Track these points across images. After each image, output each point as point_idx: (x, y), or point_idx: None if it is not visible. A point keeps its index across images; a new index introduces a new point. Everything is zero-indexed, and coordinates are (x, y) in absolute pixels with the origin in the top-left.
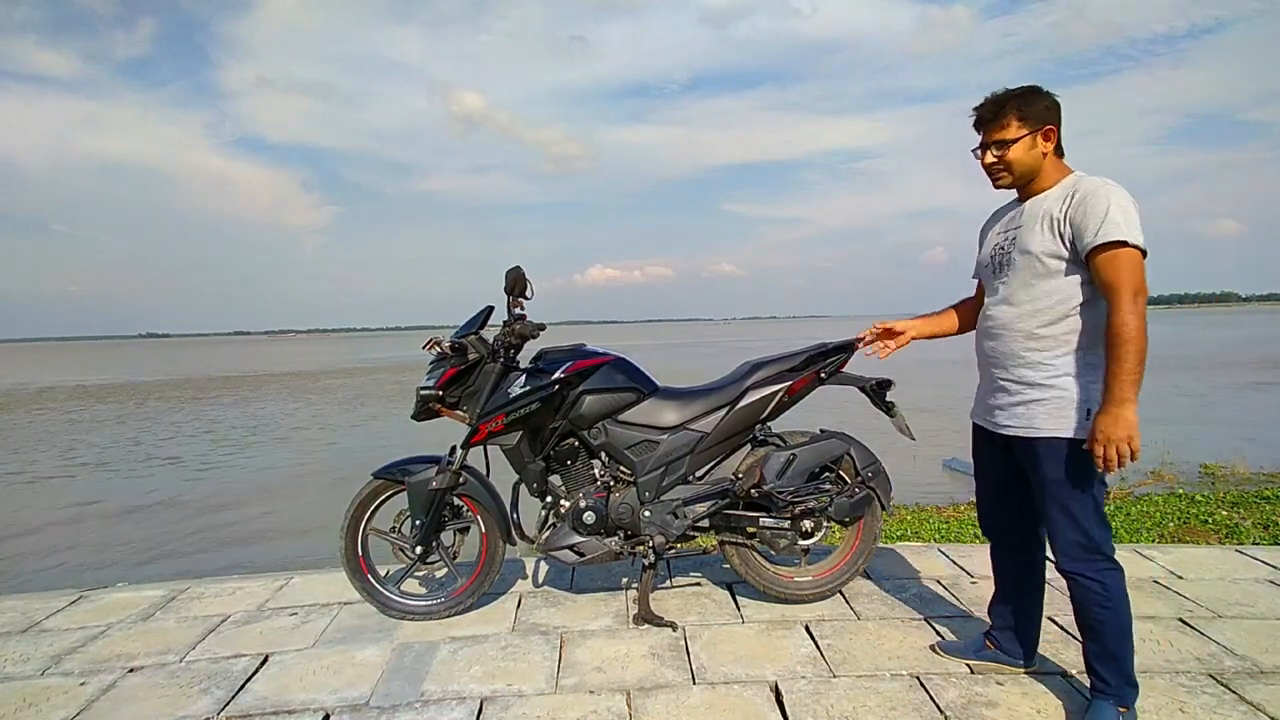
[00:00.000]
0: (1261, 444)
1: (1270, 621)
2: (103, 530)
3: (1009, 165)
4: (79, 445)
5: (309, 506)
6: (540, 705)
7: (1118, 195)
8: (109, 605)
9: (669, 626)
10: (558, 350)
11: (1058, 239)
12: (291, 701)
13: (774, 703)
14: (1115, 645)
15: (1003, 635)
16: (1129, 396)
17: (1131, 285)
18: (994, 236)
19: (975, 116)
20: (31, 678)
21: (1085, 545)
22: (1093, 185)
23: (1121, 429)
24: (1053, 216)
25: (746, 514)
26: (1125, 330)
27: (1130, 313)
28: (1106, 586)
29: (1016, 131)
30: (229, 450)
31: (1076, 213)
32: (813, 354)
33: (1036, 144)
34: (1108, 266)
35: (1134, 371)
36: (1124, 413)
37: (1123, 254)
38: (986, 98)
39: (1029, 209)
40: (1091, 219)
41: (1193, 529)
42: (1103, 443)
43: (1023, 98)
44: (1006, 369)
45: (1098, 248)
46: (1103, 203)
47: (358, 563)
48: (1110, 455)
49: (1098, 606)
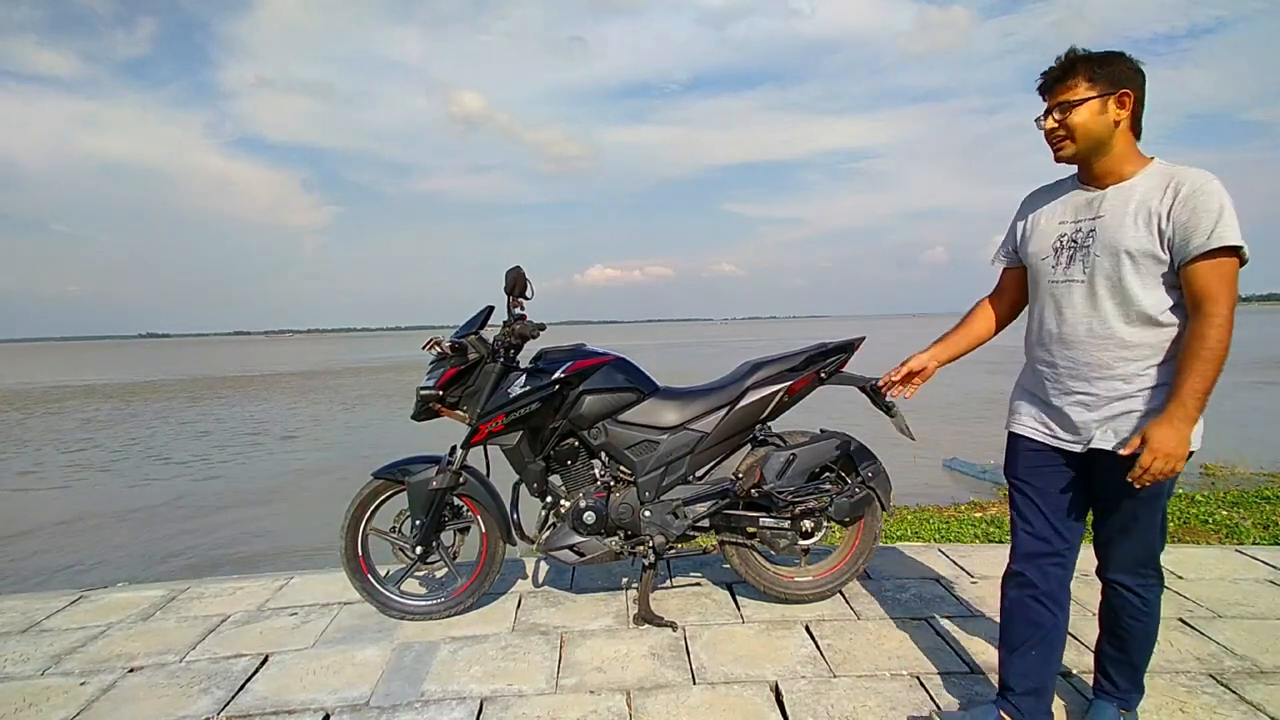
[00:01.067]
0: (1261, 444)
1: (1270, 621)
2: (103, 530)
3: (1072, 130)
4: (84, 444)
5: (310, 506)
6: (540, 705)
7: (1225, 195)
8: (109, 605)
9: (669, 626)
10: (558, 350)
11: (1156, 238)
12: (291, 701)
13: (774, 703)
14: (1137, 655)
15: (1024, 701)
16: (1196, 415)
17: (1231, 299)
18: (1053, 223)
19: (1041, 80)
20: (31, 678)
21: (1142, 559)
22: (1200, 180)
23: (1181, 446)
24: (1151, 210)
25: (746, 514)
26: (1218, 346)
27: (1225, 328)
28: (1147, 601)
29: (1085, 92)
30: (230, 450)
31: (1183, 210)
32: (813, 354)
33: (1108, 109)
34: (1213, 274)
35: (1210, 389)
36: (1187, 431)
37: (1230, 263)
38: (1057, 58)
39: (1113, 196)
40: (1204, 219)
41: (1193, 529)
42: (1155, 453)
43: (1096, 57)
44: (1089, 381)
45: (1208, 253)
46: (1216, 202)
47: (358, 563)
48: (1157, 470)
49: (1131, 618)
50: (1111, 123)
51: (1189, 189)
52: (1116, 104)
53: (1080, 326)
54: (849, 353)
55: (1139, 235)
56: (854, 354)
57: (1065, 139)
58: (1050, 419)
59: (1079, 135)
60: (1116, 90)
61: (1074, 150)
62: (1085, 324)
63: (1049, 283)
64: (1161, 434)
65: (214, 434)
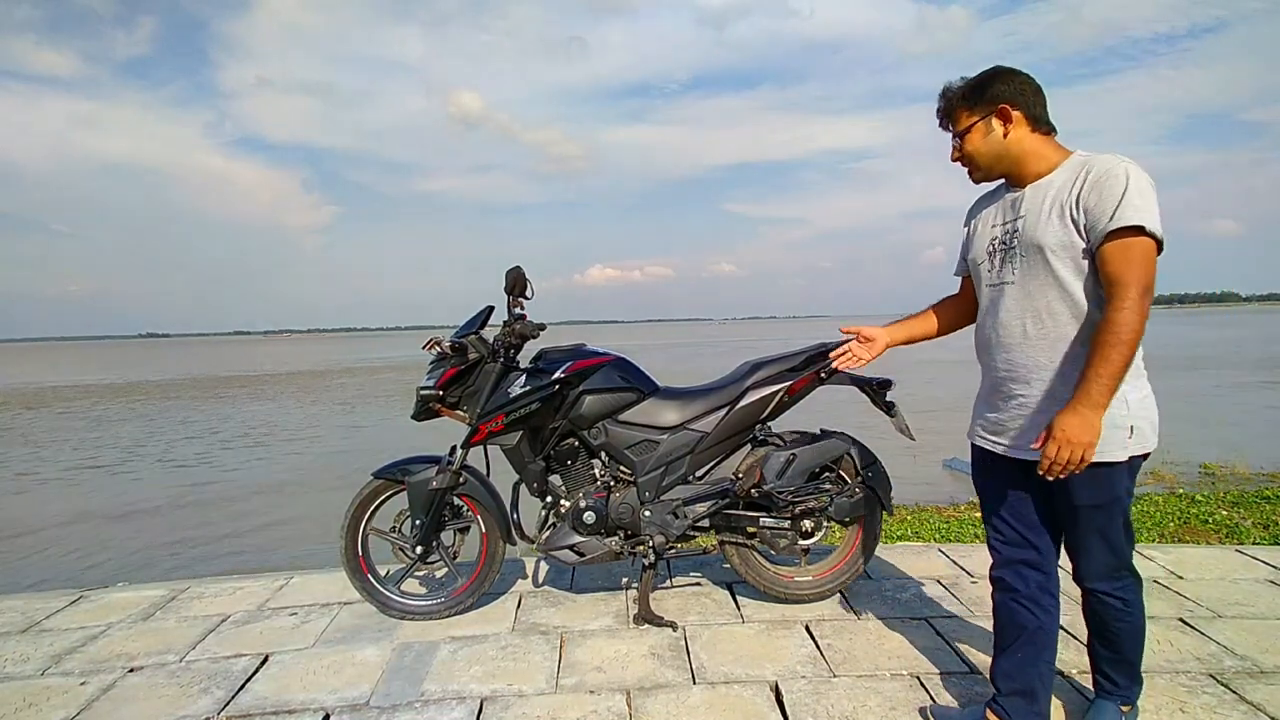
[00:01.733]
0: (1261, 444)
1: (1270, 621)
2: (104, 529)
3: (971, 157)
4: (87, 444)
5: (310, 506)
6: (540, 705)
7: (1136, 174)
8: (109, 605)
9: (669, 626)
10: (558, 350)
11: (1070, 227)
12: (291, 701)
13: (774, 702)
14: (1131, 652)
15: (1012, 702)
16: (1103, 402)
17: (1141, 280)
18: (987, 228)
19: (937, 119)
20: (31, 678)
21: (1112, 565)
22: (1108, 163)
23: (1087, 434)
24: (1063, 202)
25: (746, 514)
26: (1123, 330)
27: (1134, 311)
28: (1128, 603)
29: (967, 120)
30: (231, 449)
31: (1091, 194)
32: (813, 354)
33: (991, 128)
34: (1118, 255)
35: (1118, 377)
36: (1094, 419)
37: (1137, 243)
38: (939, 97)
39: (1030, 196)
40: (1108, 200)
41: (1193, 529)
42: (1061, 443)
43: (967, 87)
44: (1028, 383)
45: (1112, 233)
46: (1120, 182)
47: (358, 563)
48: (1063, 459)
49: (1117, 620)
50: (999, 138)
51: (1095, 173)
52: (999, 120)
53: (1015, 328)
54: None
55: (1054, 228)
56: None
57: (969, 166)
58: (999, 427)
59: (977, 159)
60: (993, 108)
61: (981, 173)
62: (1019, 325)
63: (987, 287)
64: (1064, 421)
65: (217, 433)
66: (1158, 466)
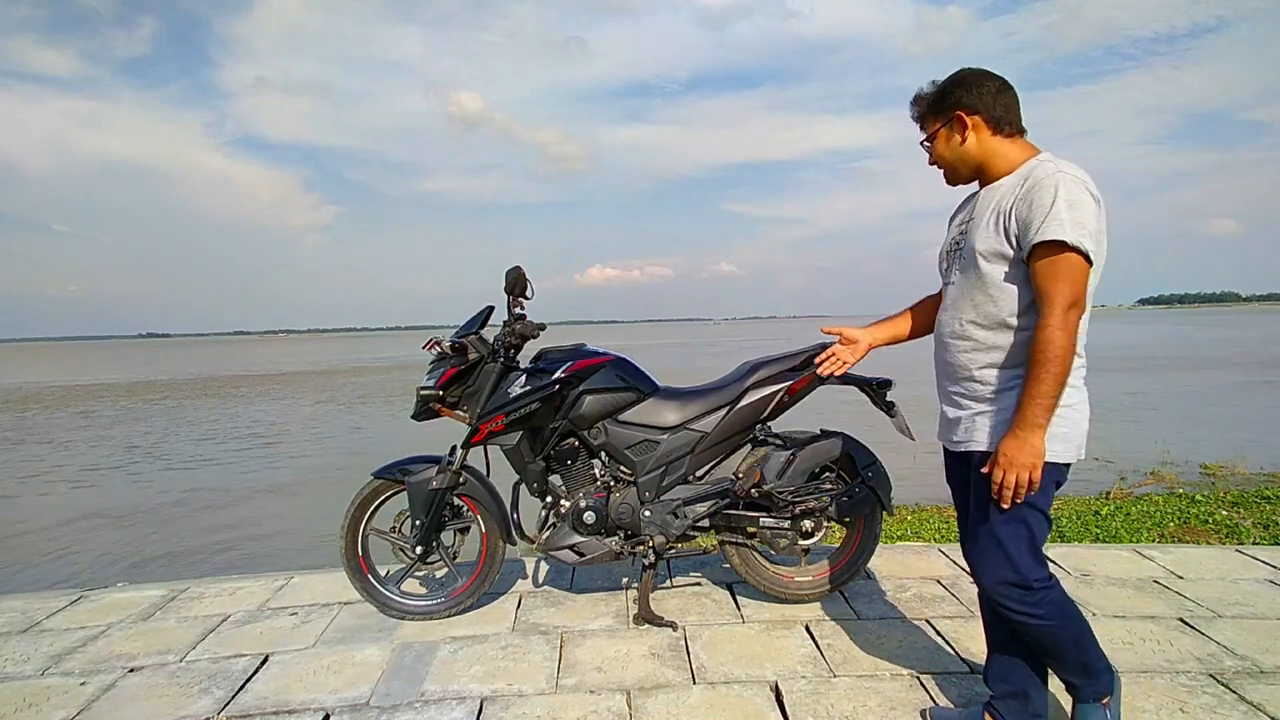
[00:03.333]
0: (1261, 444)
1: (1270, 621)
2: (105, 529)
3: (938, 162)
4: (90, 443)
5: (311, 506)
6: (540, 705)
7: (1067, 186)
8: (109, 605)
9: (669, 626)
10: (558, 350)
11: (1002, 236)
12: (291, 701)
13: (774, 702)
14: (1074, 653)
15: (1007, 704)
16: (1040, 422)
17: (1066, 297)
18: (952, 228)
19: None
20: (31, 678)
21: (1011, 580)
22: (1043, 172)
23: (1027, 455)
24: (1002, 209)
25: (746, 514)
26: (1049, 348)
27: (1058, 328)
28: (1044, 615)
29: (931, 126)
30: (231, 449)
31: (1022, 205)
32: (813, 354)
33: (952, 134)
34: (1045, 272)
35: (1051, 395)
36: (1033, 439)
37: (1061, 259)
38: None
39: (983, 199)
40: (1036, 212)
41: (1193, 529)
42: (1004, 467)
43: (934, 91)
44: (957, 381)
45: (1036, 248)
46: (1048, 194)
47: (358, 563)
48: (1009, 482)
49: (1041, 631)
50: (959, 144)
51: (1030, 182)
52: (956, 127)
53: (946, 328)
54: None
55: (988, 235)
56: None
57: (941, 169)
58: (943, 424)
59: (943, 164)
60: (950, 115)
61: (952, 177)
62: (950, 325)
63: (942, 285)
64: (1004, 445)
65: (219, 433)
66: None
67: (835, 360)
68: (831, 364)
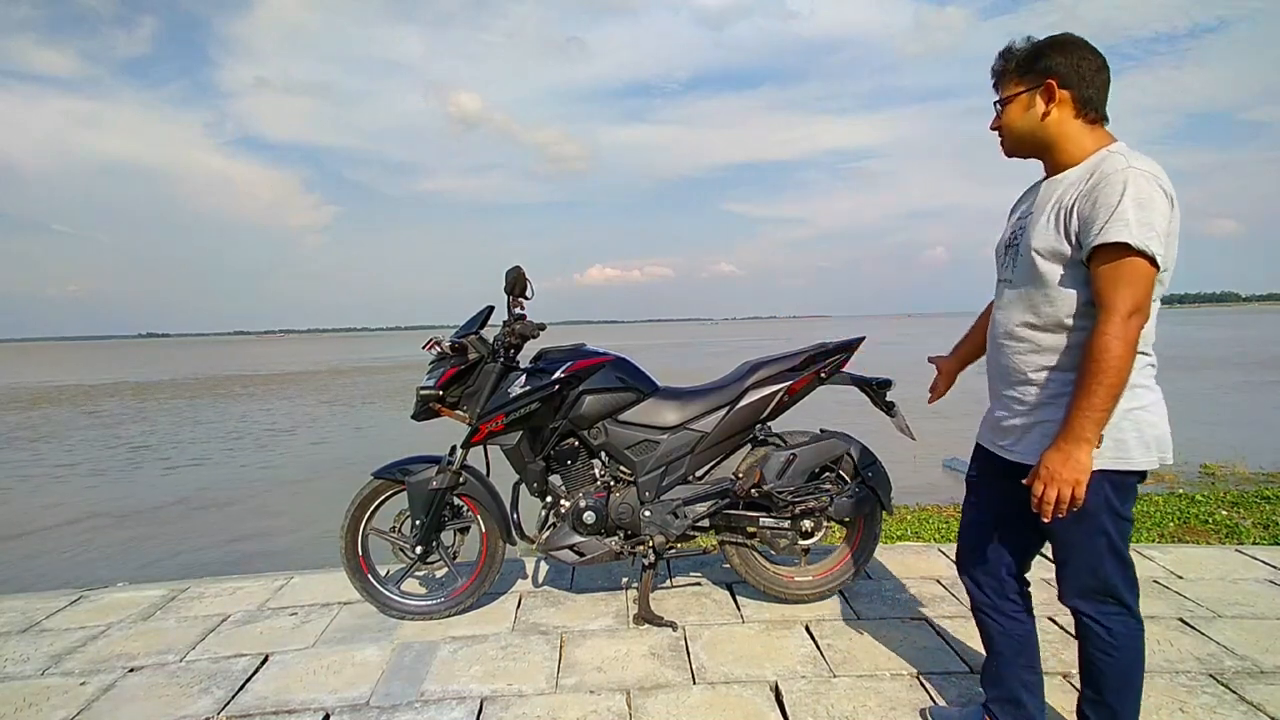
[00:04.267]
0: (1261, 444)
1: (1270, 621)
2: (105, 529)
3: (1004, 129)
4: (94, 442)
5: (311, 506)
6: (540, 705)
7: (1137, 182)
8: (109, 605)
9: (669, 626)
10: (558, 350)
11: (1062, 234)
12: (291, 701)
13: (774, 702)
14: (1114, 698)
15: (1002, 708)
16: (1088, 436)
17: (1128, 303)
18: (1013, 221)
19: (992, 78)
20: (31, 678)
21: (1092, 586)
22: (1112, 166)
23: (1070, 471)
24: (1063, 204)
25: (746, 514)
26: (1104, 357)
27: (1116, 337)
28: (1113, 633)
29: (1014, 88)
30: (232, 448)
31: (1086, 202)
32: (813, 354)
33: (1034, 104)
34: (1105, 276)
35: (1102, 409)
36: (1079, 454)
37: (1125, 264)
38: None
39: (1044, 190)
40: (1100, 211)
41: (1193, 529)
42: (1045, 481)
43: (1029, 49)
44: (1011, 385)
45: (1098, 250)
46: (1114, 191)
47: (358, 563)
48: (1050, 498)
49: (1099, 652)
50: (1039, 116)
51: (1097, 177)
52: (1043, 96)
53: (1001, 328)
54: (849, 353)
55: (1046, 232)
56: (854, 354)
57: (1002, 137)
58: (991, 424)
59: (1009, 131)
60: (1041, 81)
61: (1008, 147)
62: (1005, 326)
63: (997, 281)
64: (1048, 457)
65: (220, 433)
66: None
67: (939, 392)
68: (936, 395)
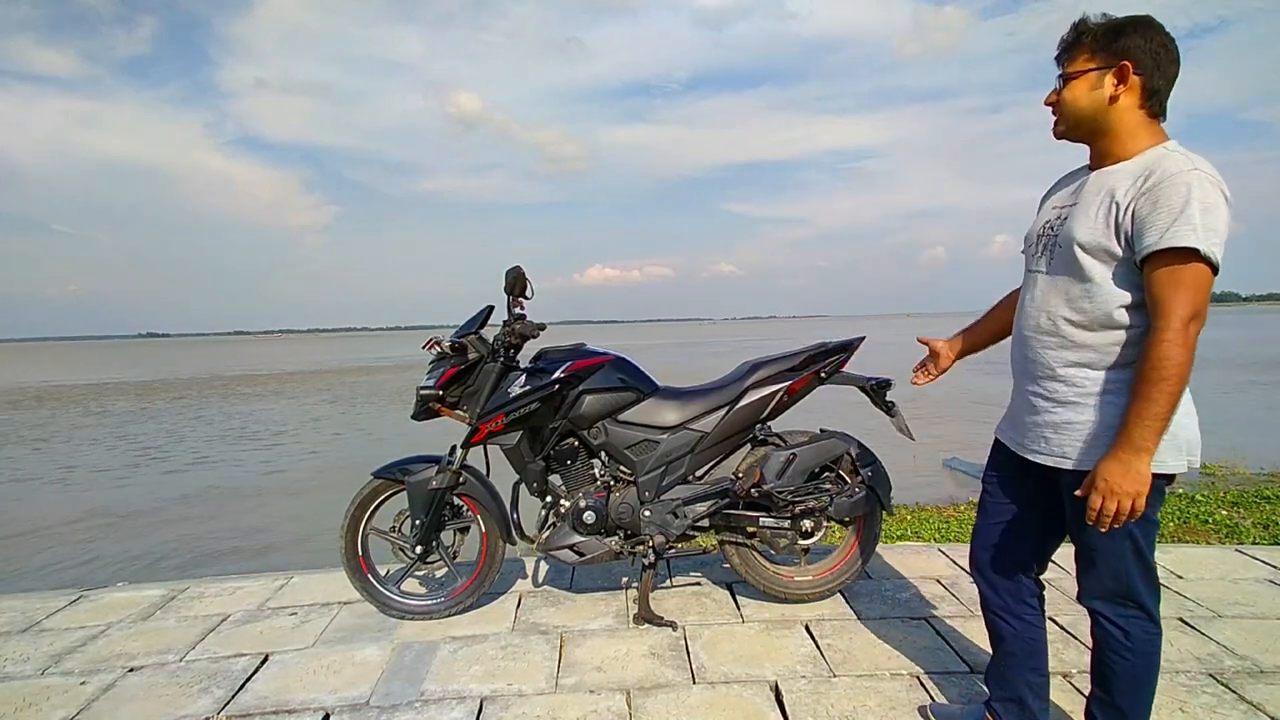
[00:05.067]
0: (1261, 444)
1: (1270, 621)
2: (106, 529)
3: (1062, 106)
4: (86, 443)
5: (312, 505)
6: (540, 705)
7: (1202, 187)
8: (109, 605)
9: (669, 626)
10: (558, 350)
11: (1112, 231)
12: (291, 701)
13: (774, 702)
14: (1125, 702)
15: (1005, 708)
16: (1149, 445)
17: (1188, 309)
18: (1048, 209)
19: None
20: (31, 677)
21: (1113, 589)
22: (1174, 167)
23: (1131, 482)
24: (1115, 199)
25: (746, 514)
26: (1165, 364)
27: (1176, 343)
28: (1130, 636)
29: (1084, 64)
30: (232, 448)
31: (1145, 201)
32: (813, 354)
33: (1103, 85)
34: (1167, 281)
35: (1163, 417)
36: (1139, 464)
37: (1189, 269)
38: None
39: (1093, 182)
40: (1161, 213)
41: (1193, 529)
42: (1104, 494)
43: (1109, 25)
44: (1037, 381)
45: (1158, 254)
46: (1179, 194)
47: (358, 562)
48: (1110, 510)
49: (1114, 653)
50: (1106, 99)
51: (1158, 177)
52: (1115, 78)
53: (1032, 321)
54: (849, 353)
55: (1094, 226)
56: (854, 354)
57: (1057, 115)
58: (1013, 422)
59: (1064, 111)
60: (1116, 63)
61: (1063, 128)
62: (1035, 319)
63: (1026, 272)
64: (1105, 468)
65: (220, 433)
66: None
67: (928, 375)
68: (924, 378)
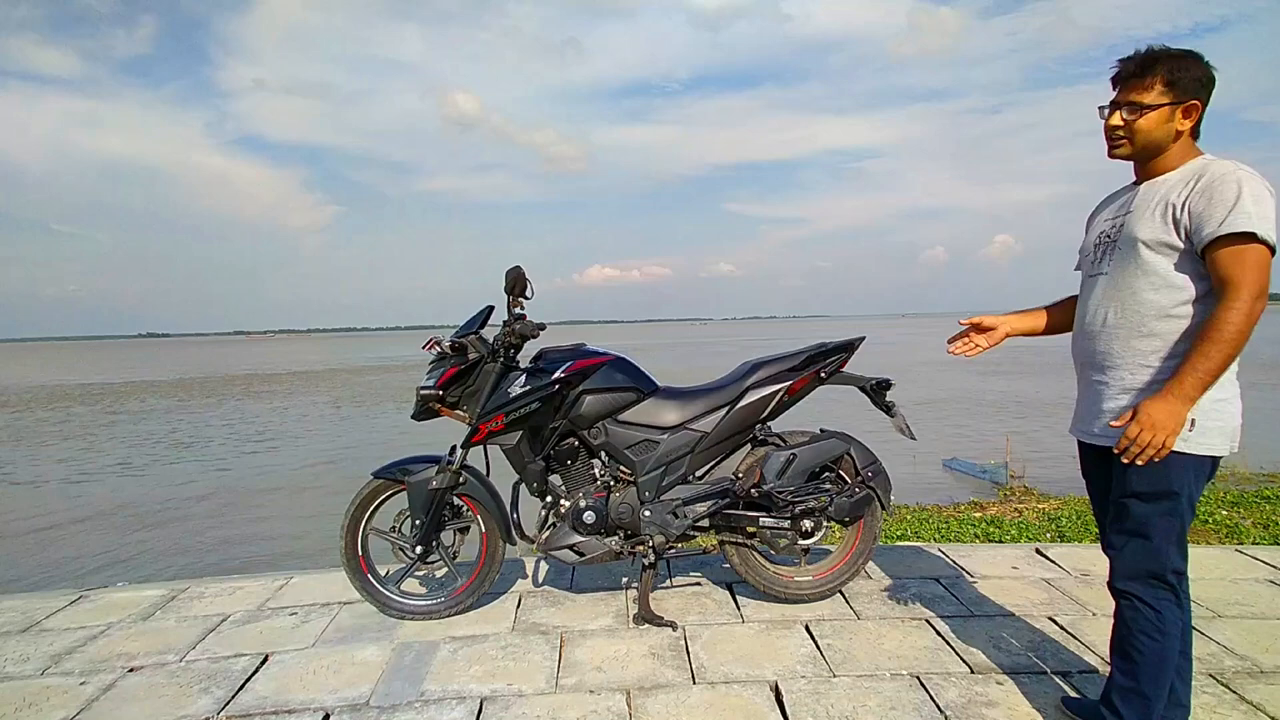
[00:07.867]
0: (1261, 444)
1: (1270, 621)
2: (105, 529)
3: (1133, 133)
4: (88, 442)
5: (312, 505)
6: (540, 705)
7: (1251, 182)
8: (109, 605)
9: (669, 626)
10: (558, 350)
11: (1171, 228)
12: (291, 701)
13: (774, 702)
14: (1149, 684)
15: None
16: (1194, 395)
17: (1255, 285)
18: (1100, 223)
19: (1117, 69)
20: (31, 677)
21: (1151, 569)
22: (1222, 169)
23: (1171, 420)
24: (1170, 203)
25: (746, 514)
26: (1228, 328)
27: (1242, 313)
28: (1162, 617)
29: (1158, 98)
30: (231, 448)
31: (1199, 199)
32: (813, 354)
33: (1174, 119)
34: (1232, 261)
35: (1214, 373)
36: (1181, 410)
37: (1250, 250)
38: (1136, 51)
39: (1144, 193)
40: (1218, 207)
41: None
42: (1144, 425)
43: (1178, 60)
44: (1103, 371)
45: (1221, 239)
46: (1232, 189)
47: (358, 562)
48: (1143, 441)
49: (1144, 635)
50: (1173, 131)
51: (1208, 179)
52: (1184, 114)
53: (1098, 317)
54: (849, 352)
55: (1154, 225)
56: (854, 354)
57: (1124, 140)
58: (1083, 415)
59: (1139, 140)
60: (1187, 100)
61: (1129, 151)
62: (1101, 314)
63: (1086, 278)
64: (1151, 405)
65: (221, 433)
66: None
67: (970, 344)
68: (966, 348)
